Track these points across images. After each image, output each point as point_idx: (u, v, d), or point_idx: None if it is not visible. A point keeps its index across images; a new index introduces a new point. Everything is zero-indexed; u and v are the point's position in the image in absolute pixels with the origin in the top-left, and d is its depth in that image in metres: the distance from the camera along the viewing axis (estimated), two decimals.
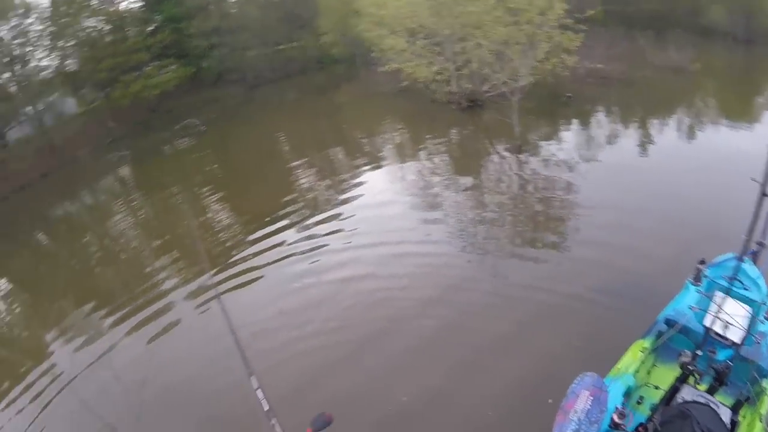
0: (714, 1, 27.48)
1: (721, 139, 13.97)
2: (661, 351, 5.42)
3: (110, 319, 11.87)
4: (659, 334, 5.32)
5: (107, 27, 53.29)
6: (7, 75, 51.14)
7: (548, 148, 13.71)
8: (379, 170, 15.82)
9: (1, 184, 46.69)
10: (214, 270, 12.24)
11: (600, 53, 19.86)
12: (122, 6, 53.45)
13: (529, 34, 15.11)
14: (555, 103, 17.14)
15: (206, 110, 41.02)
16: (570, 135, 14.66)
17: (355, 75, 38.11)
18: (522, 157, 13.11)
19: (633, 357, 5.22)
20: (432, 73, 19.14)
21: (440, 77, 19.20)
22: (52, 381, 9.36)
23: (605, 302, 7.32)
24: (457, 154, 15.71)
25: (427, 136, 17.96)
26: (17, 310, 18.16)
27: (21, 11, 49.29)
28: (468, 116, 18.35)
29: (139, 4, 55.00)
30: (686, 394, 4.44)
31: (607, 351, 5.68)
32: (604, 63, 19.63)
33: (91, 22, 53.41)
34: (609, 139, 14.47)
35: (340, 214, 13.00)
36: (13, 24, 49.13)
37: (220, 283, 11.46)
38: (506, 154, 13.84)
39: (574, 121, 15.97)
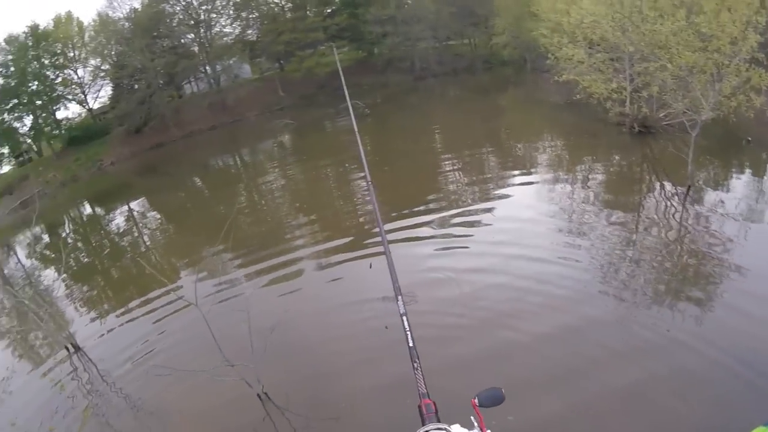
0: None
1: None
2: None
3: (245, 266, 13.13)
4: None
5: (289, 4, 57.04)
6: (191, 36, 57.10)
7: (716, 195, 12.30)
8: (529, 182, 15.23)
9: (173, 129, 52.55)
10: (343, 241, 13.06)
11: None
12: None
13: (718, 63, 13.89)
14: (732, 145, 15.39)
15: (371, 94, 42.18)
16: (741, 185, 12.99)
17: (523, 80, 37.39)
18: (687, 199, 12.06)
19: None
20: (608, 91, 18.18)
21: (615, 96, 18.22)
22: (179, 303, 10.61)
23: (740, 374, 6.57)
24: (615, 182, 14.71)
25: (587, 156, 17.06)
26: (162, 237, 20.79)
27: None
28: (637, 142, 17.18)
29: None
30: None
31: (727, 426, 5.40)
32: None
33: None
34: None
35: (479, 220, 12.76)
36: None
37: (345, 253, 12.22)
38: (671, 192, 12.81)
39: (749, 170, 14.29)
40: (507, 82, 38.97)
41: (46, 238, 28.94)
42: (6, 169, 67.94)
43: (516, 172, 16.60)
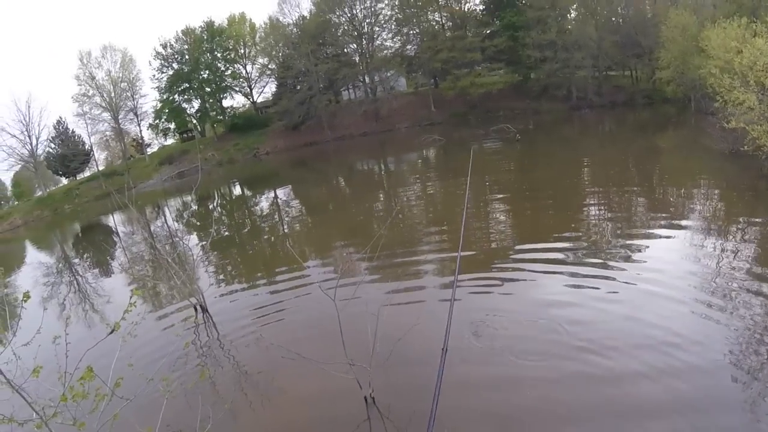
0: None
1: None
2: None
3: (380, 271, 13.78)
4: None
5: (449, 23, 58.44)
6: (353, 46, 60.82)
7: None
8: (675, 237, 14.43)
9: (327, 130, 56.43)
10: (473, 269, 13.06)
11: None
12: (466, 7, 57.90)
13: None
14: None
15: (523, 119, 42.15)
16: None
17: (685, 121, 35.36)
18: None
19: None
20: None
21: None
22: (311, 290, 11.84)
23: None
24: None
25: (744, 216, 15.66)
26: (300, 226, 22.42)
27: None
28: None
29: (481, 7, 58.86)
30: None
31: None
32: None
33: (435, 16, 59.26)
34: None
35: (611, 277, 11.87)
36: (366, 5, 57.70)
37: (471, 280, 12.37)
38: None
39: None
40: (668, 122, 37.07)
41: (194, 207, 32.25)
42: (170, 141, 76.76)
43: (662, 222, 15.79)
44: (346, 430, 7.48)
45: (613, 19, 52.59)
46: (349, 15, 55.76)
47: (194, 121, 73.32)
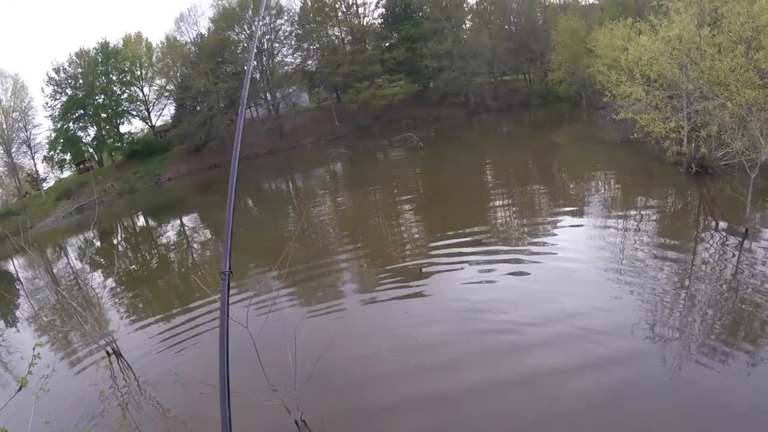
0: None
1: None
2: None
3: (293, 291, 13.19)
4: None
5: (349, 37, 58.69)
6: (254, 63, 59.29)
7: None
8: (578, 221, 14.83)
9: (228, 152, 54.44)
10: (390, 275, 12.83)
11: None
12: (364, 21, 58.42)
13: None
14: None
15: (425, 127, 42.63)
16: None
17: (578, 117, 36.97)
18: (745, 245, 11.49)
19: None
20: (666, 130, 17.72)
21: (674, 135, 17.73)
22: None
23: None
24: (670, 223, 14.13)
25: (642, 197, 16.53)
26: (210, 253, 21.25)
27: (274, 12, 56.59)
28: (693, 183, 16.60)
29: (380, 21, 59.63)
30: None
31: None
32: None
33: (335, 31, 59.35)
34: None
35: (523, 258, 12.39)
36: (265, 21, 56.77)
37: (390, 285, 12.14)
38: (728, 236, 12.24)
39: None
40: (562, 119, 38.66)
41: (98, 243, 30.19)
42: (66, 174, 71.69)
43: (567, 210, 16.34)
44: None
45: (506, 27, 54.76)
46: (248, 32, 54.59)
47: (91, 150, 68.76)
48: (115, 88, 65.15)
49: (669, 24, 17.67)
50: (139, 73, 66.15)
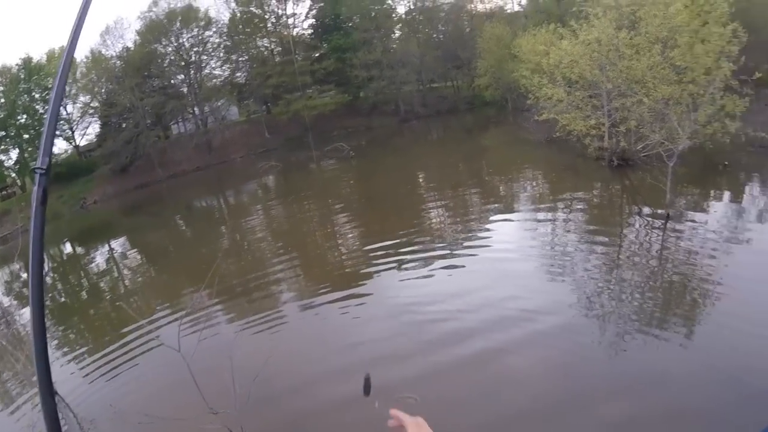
0: None
1: None
2: None
3: (228, 309, 12.71)
4: None
5: (278, 48, 58.01)
6: (181, 76, 57.55)
7: (697, 219, 12.39)
8: (511, 218, 15.26)
9: (159, 170, 52.34)
10: (328, 284, 12.60)
11: (764, 120, 17.93)
12: (294, 32, 57.95)
13: (693, 94, 14.18)
14: (710, 171, 15.63)
15: (356, 137, 42.59)
16: (721, 208, 13.18)
17: (504, 120, 37.92)
18: (668, 226, 12.10)
19: None
20: (587, 127, 18.43)
21: (594, 132, 18.46)
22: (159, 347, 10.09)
23: (729, 395, 6.44)
24: (597, 213, 14.78)
25: (569, 191, 17.11)
26: (142, 278, 20.14)
27: (202, 23, 55.17)
28: (616, 175, 17.36)
29: (309, 31, 59.33)
30: None
31: None
32: (767, 131, 17.67)
33: (264, 42, 58.49)
34: (763, 216, 12.91)
35: (459, 255, 12.59)
36: (193, 33, 55.21)
37: (329, 294, 11.85)
38: (651, 220, 12.83)
39: (728, 193, 14.43)
40: (489, 122, 39.52)
41: (24, 276, 28.44)
42: None
43: (498, 207, 16.76)
44: None
45: (434, 36, 55.58)
46: (175, 44, 52.95)
47: (13, 175, 64.55)
48: (38, 106, 61.34)
49: (588, 28, 18.33)
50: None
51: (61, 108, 62.84)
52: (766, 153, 16.53)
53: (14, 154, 61.29)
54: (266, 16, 56.07)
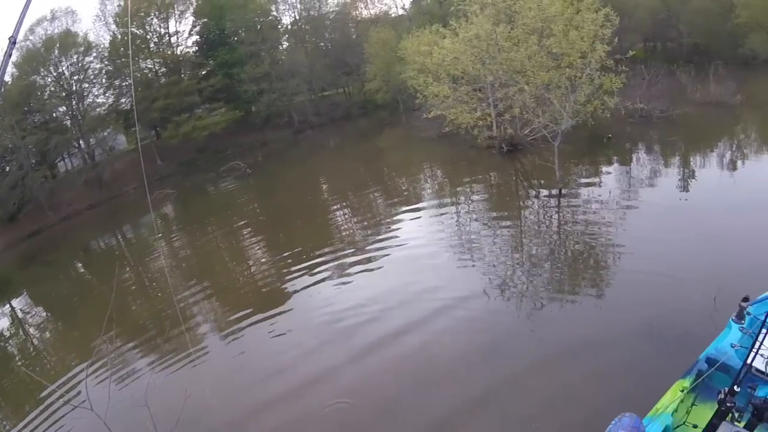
0: (753, 29, 27.60)
1: (766, 173, 13.54)
2: (702, 390, 5.21)
3: (140, 353, 11.97)
4: (699, 374, 5.13)
5: (162, 69, 55.53)
6: (63, 108, 53.58)
7: (589, 190, 13.42)
8: (417, 213, 15.73)
9: (50, 213, 48.45)
10: (247, 310, 12.14)
11: (641, 93, 19.67)
12: (178, 50, 55.91)
13: (571, 77, 15.23)
14: (596, 145, 16.94)
15: (252, 153, 41.92)
16: (610, 177, 14.36)
17: (398, 121, 38.65)
18: (562, 200, 12.96)
19: (672, 397, 5.10)
20: (474, 119, 19.31)
21: (482, 123, 19.35)
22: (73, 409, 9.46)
23: (646, 345, 7.03)
24: (496, 199, 15.55)
25: (467, 181, 17.92)
26: (50, 334, 18.74)
27: (82, 49, 51.76)
28: (508, 160, 18.31)
29: (194, 49, 57.42)
30: (725, 431, 4.34)
31: (647, 392, 5.56)
32: (644, 102, 19.43)
33: (147, 64, 55.75)
34: (649, 179, 13.99)
35: (371, 258, 12.92)
36: (73, 60, 51.70)
37: (250, 324, 11.47)
38: (546, 197, 13.69)
39: (615, 162, 15.68)
40: (383, 125, 40.11)
41: None
42: None
43: (403, 205, 17.07)
44: None
45: (321, 44, 55.57)
46: (55, 74, 49.33)
47: None
48: None
49: (468, 26, 19.15)
50: None
51: None
52: (645, 123, 18.17)
53: None
54: (148, 36, 53.72)
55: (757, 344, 4.24)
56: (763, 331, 4.21)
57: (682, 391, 5.11)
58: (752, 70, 26.48)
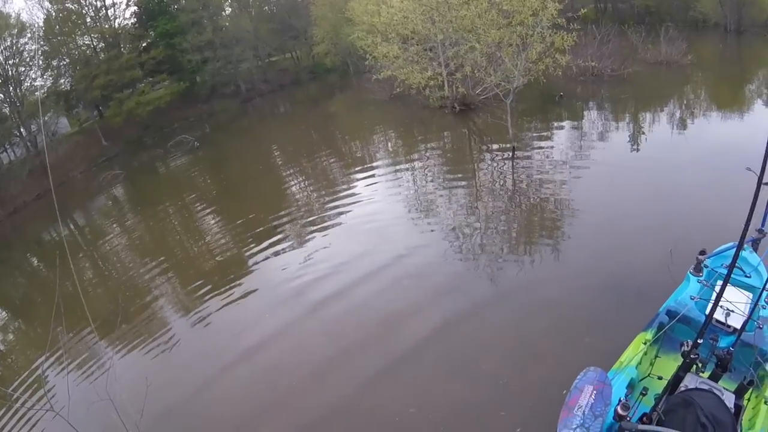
0: None
1: (715, 131, 13.87)
2: (664, 342, 5.40)
3: (103, 342, 11.65)
4: (661, 326, 5.21)
5: (101, 44, 53.08)
6: (0, 96, 51.01)
7: (541, 148, 13.54)
8: (372, 177, 15.63)
9: None
10: (207, 289, 12.02)
11: (592, 51, 19.77)
12: (116, 23, 53.56)
13: (522, 35, 15.13)
14: (548, 103, 17.03)
15: (200, 125, 41.07)
16: (563, 134, 14.52)
17: (348, 84, 38.23)
18: (516, 158, 13.02)
19: (635, 350, 5.17)
20: (425, 79, 19.06)
21: (433, 82, 19.15)
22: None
23: (606, 300, 7.16)
24: (450, 159, 15.55)
25: (420, 142, 17.87)
26: (13, 335, 18.07)
27: (15, 31, 49.02)
28: (461, 120, 18.26)
29: (133, 20, 55.07)
30: (690, 382, 4.37)
31: (610, 346, 5.65)
32: (596, 61, 19.48)
33: (85, 40, 53.10)
34: (601, 137, 14.28)
35: (331, 227, 12.84)
36: (7, 44, 48.96)
37: (212, 297, 11.27)
38: (499, 156, 13.74)
39: (567, 120, 15.83)
40: (333, 89, 39.62)
41: None
42: None
43: (359, 170, 16.96)
44: None
45: (266, 8, 54.02)
46: None
47: None
48: None
49: None
50: None
51: None
52: (597, 81, 18.33)
53: None
54: (84, 11, 51.20)
55: (717, 296, 4.27)
56: (720, 283, 4.24)
57: (645, 343, 5.20)
58: (702, 33, 27.18)
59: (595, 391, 4.21)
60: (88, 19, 51.97)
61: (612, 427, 4.13)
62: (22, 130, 50.90)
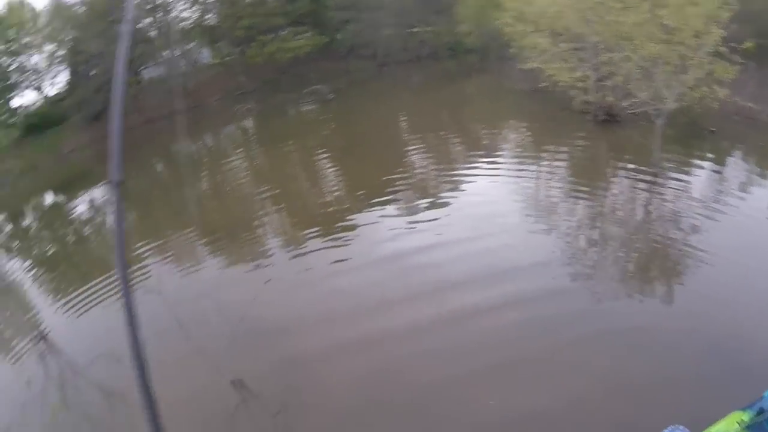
0: None
1: None
2: (757, 429, 4.89)
3: (212, 252, 12.95)
4: (761, 411, 4.86)
5: None
6: (149, 20, 54.75)
7: (680, 181, 12.59)
8: (493, 167, 15.52)
9: (133, 116, 50.37)
10: (314, 228, 12.89)
11: (751, 91, 18.12)
12: None
13: (682, 55, 14.32)
14: (697, 135, 15.89)
15: (334, 80, 41.83)
16: (704, 173, 13.40)
17: (487, 67, 37.49)
18: (654, 185, 12.47)
19: (727, 427, 4.86)
20: (573, 79, 18.46)
21: (581, 84, 18.52)
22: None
23: (712, 361, 6.80)
24: (582, 168, 14.98)
25: (552, 143, 17.17)
26: (128, 224, 19.78)
27: None
28: (601, 130, 17.54)
29: None
30: None
31: (699, 412, 5.29)
32: (754, 102, 18.03)
33: None
34: (744, 186, 13.11)
35: (443, 203, 13.04)
36: None
37: (315, 239, 12.19)
38: (636, 178, 13.14)
39: (712, 158, 14.66)
40: (471, 70, 39.15)
41: (8, 228, 27.89)
42: None
43: (482, 158, 16.83)
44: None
45: None
46: None
47: None
48: (3, 58, 58.52)
49: None
50: (26, 40, 59.77)
51: (27, 58, 60.15)
52: (751, 124, 16.90)
53: None
54: None
55: None
56: None
57: (739, 423, 4.93)
58: None
59: None
60: None
61: None
62: (167, 53, 54.66)
